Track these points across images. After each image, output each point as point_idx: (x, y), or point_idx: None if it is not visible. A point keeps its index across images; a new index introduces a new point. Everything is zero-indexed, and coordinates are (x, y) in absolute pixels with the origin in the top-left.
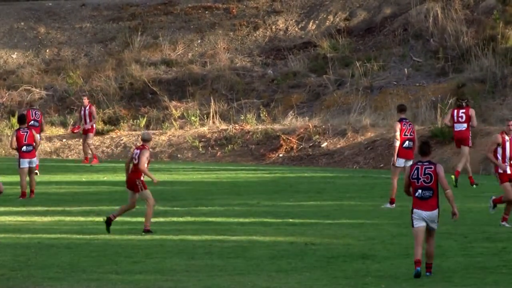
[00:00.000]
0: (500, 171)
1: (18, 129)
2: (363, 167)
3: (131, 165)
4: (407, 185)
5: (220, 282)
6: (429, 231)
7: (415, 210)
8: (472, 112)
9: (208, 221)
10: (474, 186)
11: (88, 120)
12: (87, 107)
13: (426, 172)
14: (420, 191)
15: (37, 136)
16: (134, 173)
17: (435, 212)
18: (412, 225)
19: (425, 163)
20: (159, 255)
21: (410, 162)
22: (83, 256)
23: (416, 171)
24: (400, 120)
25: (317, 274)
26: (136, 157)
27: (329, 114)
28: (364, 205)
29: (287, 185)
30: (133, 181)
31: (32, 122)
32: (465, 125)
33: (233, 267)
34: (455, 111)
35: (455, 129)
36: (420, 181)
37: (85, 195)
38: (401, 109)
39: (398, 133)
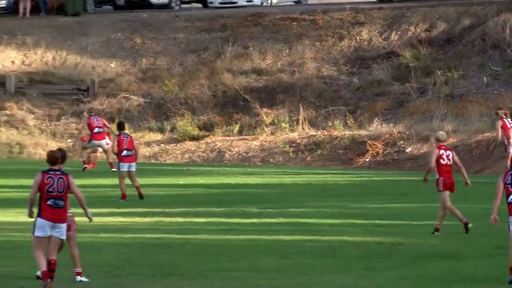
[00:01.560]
0: None
1: (119, 134)
2: None
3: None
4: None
5: (312, 280)
6: None
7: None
8: None
9: (300, 222)
10: None
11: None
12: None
13: None
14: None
15: (136, 142)
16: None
17: None
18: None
19: None
20: (254, 254)
21: None
22: (183, 255)
23: (510, 177)
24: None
25: (404, 273)
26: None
27: (412, 121)
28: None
29: (374, 188)
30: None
31: (97, 129)
32: None
33: (324, 266)
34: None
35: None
36: None
37: (182, 197)
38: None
39: None
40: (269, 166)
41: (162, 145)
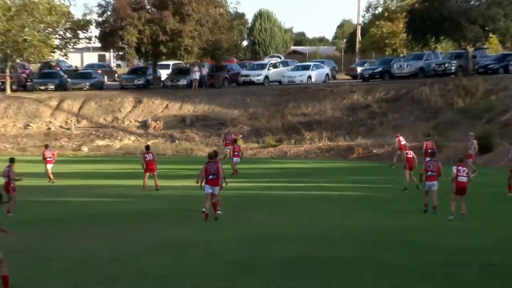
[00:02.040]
0: None
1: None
2: None
3: None
4: None
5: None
6: None
7: None
8: None
9: (324, 186)
10: None
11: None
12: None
13: None
14: None
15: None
16: None
17: None
18: None
19: None
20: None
21: None
22: None
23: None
24: None
25: None
26: None
27: (377, 137)
28: None
29: (351, 168)
30: None
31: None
32: None
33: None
34: None
35: None
36: None
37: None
38: None
39: None
40: (308, 159)
41: (258, 149)
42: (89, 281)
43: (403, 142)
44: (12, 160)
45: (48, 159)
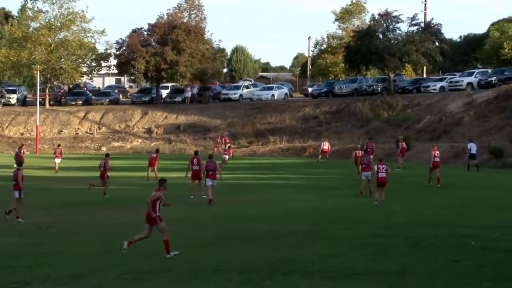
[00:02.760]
0: None
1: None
2: None
3: None
4: None
5: None
6: None
7: None
8: None
9: (284, 177)
10: None
11: None
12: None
13: None
14: None
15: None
16: None
17: None
18: None
19: None
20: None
21: None
22: None
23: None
24: None
25: None
26: None
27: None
28: None
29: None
30: None
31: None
32: None
33: None
34: None
35: None
36: None
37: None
38: None
39: None
40: (272, 156)
41: (234, 149)
42: (104, 247)
43: (326, 146)
44: (107, 155)
45: (57, 155)
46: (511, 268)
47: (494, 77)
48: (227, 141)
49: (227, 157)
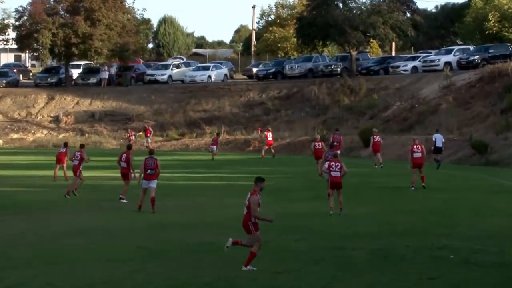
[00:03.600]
0: None
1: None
2: None
3: None
4: None
5: None
6: None
7: None
8: None
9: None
10: None
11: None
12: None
13: None
14: None
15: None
16: None
17: None
18: None
19: None
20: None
21: None
22: None
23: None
24: None
25: None
26: None
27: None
28: None
29: (246, 159)
30: None
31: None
32: None
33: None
34: None
35: None
36: None
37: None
38: None
39: None
40: (208, 151)
41: (162, 142)
42: (4, 264)
43: (270, 138)
44: (82, 146)
45: None
46: (495, 286)
47: (477, 56)
48: (148, 132)
49: (215, 148)
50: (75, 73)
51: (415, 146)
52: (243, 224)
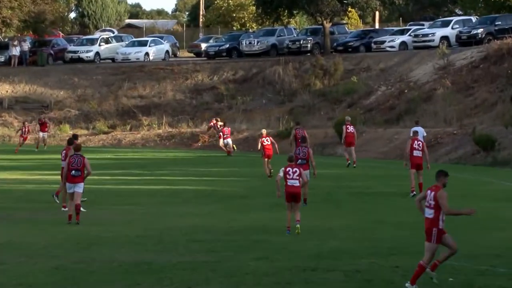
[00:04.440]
0: None
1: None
2: None
3: None
4: None
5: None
6: None
7: None
8: None
9: (161, 179)
10: None
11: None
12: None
13: None
14: None
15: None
16: None
17: None
18: None
19: None
20: (130, 197)
21: None
22: None
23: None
24: None
25: None
26: None
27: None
28: None
29: (201, 158)
30: None
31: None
32: None
33: (176, 208)
34: None
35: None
36: None
37: (99, 165)
38: None
39: None
40: (146, 148)
41: (87, 136)
42: None
43: (226, 128)
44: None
45: None
46: None
47: (481, 29)
48: (45, 126)
49: (230, 141)
50: None
51: (415, 142)
52: (426, 230)
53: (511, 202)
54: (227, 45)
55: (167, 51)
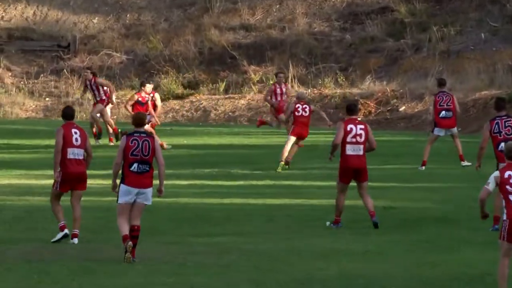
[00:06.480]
0: None
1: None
2: None
3: None
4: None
5: (297, 244)
6: None
7: (501, 164)
8: None
9: (287, 185)
10: None
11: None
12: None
13: (507, 125)
14: (502, 144)
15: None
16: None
17: None
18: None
19: (504, 117)
20: (239, 218)
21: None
22: (163, 219)
23: (496, 126)
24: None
25: (395, 238)
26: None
27: (406, 79)
28: (442, 168)
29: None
30: None
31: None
32: None
33: (311, 230)
34: None
35: None
36: (502, 134)
37: (165, 159)
38: (440, 83)
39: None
40: (254, 125)
41: None
42: None
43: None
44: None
45: None
46: None
47: None
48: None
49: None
50: None
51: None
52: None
53: None
54: None
55: None
